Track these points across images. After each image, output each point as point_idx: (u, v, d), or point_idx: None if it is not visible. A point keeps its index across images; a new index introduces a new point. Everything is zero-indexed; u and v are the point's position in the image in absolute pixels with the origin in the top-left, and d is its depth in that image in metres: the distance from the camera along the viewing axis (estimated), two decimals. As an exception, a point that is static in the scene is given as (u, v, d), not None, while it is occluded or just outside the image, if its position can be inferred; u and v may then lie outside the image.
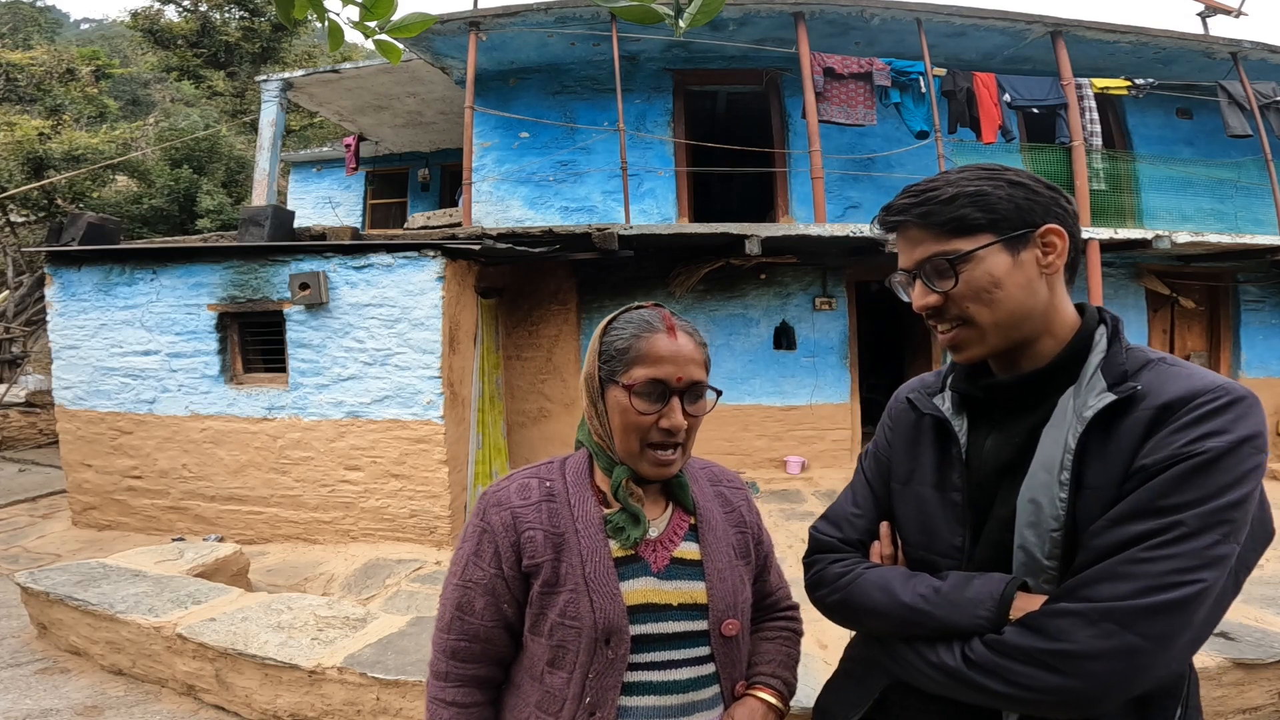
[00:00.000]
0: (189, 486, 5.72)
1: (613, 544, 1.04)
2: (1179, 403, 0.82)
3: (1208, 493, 0.76)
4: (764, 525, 1.22)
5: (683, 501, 1.12)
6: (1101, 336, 0.93)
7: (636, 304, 1.11)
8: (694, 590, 1.05)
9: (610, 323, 1.10)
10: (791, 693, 1.12)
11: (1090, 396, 0.87)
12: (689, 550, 1.08)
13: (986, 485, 0.95)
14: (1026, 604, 0.84)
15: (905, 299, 1.01)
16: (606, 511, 1.06)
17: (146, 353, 5.73)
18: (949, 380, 1.05)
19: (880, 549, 1.05)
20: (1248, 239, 7.22)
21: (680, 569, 1.06)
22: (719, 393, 1.07)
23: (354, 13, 1.05)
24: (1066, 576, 0.84)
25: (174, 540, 5.03)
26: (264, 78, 8.61)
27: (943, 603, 0.89)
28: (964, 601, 0.87)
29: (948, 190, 0.92)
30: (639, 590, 1.02)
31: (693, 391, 1.04)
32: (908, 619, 0.91)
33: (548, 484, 1.08)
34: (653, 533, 1.07)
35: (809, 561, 1.11)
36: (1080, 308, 0.98)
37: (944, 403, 1.03)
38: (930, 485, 1.01)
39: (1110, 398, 0.85)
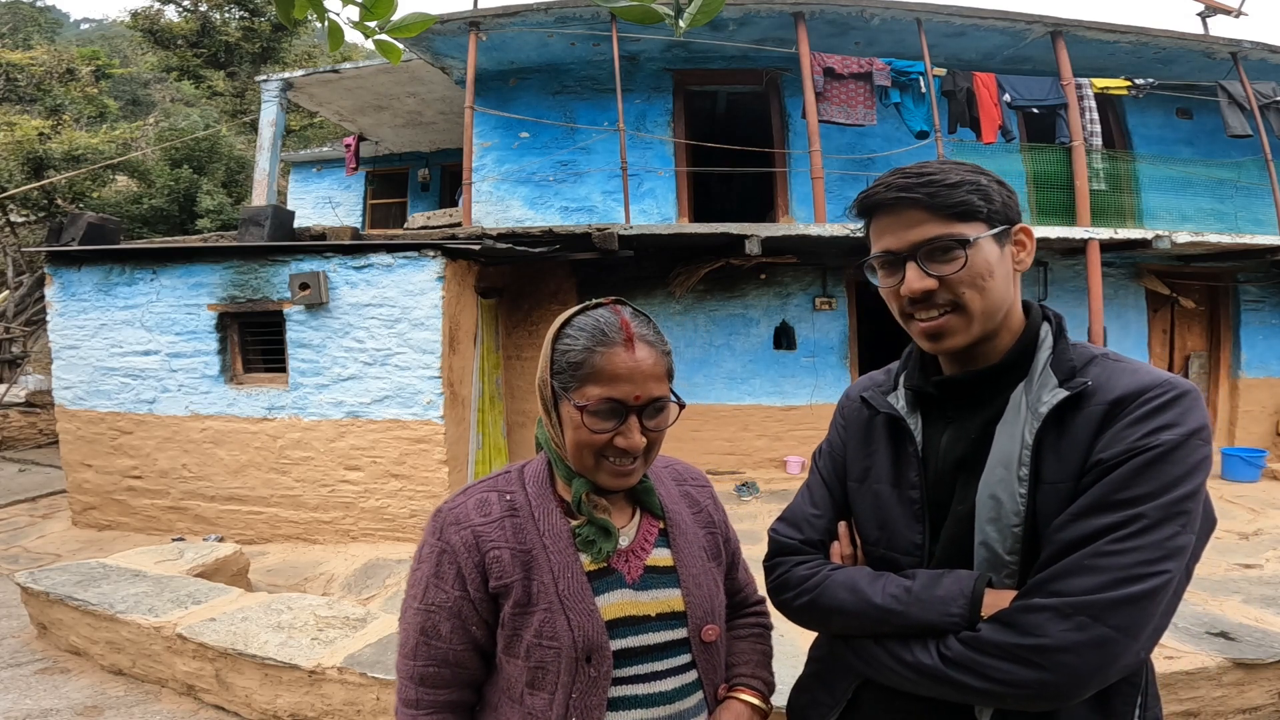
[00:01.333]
0: (189, 486, 5.72)
1: (584, 557, 0.99)
2: (1129, 398, 0.84)
3: (1164, 484, 0.78)
4: (730, 522, 1.19)
5: (649, 506, 1.07)
6: (1047, 334, 0.95)
7: (594, 301, 1.03)
8: (671, 599, 1.01)
9: (562, 327, 1.00)
10: (771, 691, 1.11)
11: (1044, 393, 0.89)
12: (661, 557, 1.04)
13: (943, 482, 0.96)
14: (996, 600, 0.85)
15: (875, 283, 0.99)
16: (574, 524, 1.01)
17: (146, 353, 5.73)
18: (902, 378, 1.06)
19: (840, 549, 1.05)
20: (1248, 239, 7.22)
21: (655, 578, 1.02)
22: (682, 405, 1.01)
23: (354, 13, 1.05)
24: (1027, 571, 0.85)
25: (174, 540, 5.03)
26: (264, 78, 8.61)
27: (914, 602, 0.89)
28: (935, 600, 0.88)
29: (950, 175, 0.91)
30: (616, 604, 0.98)
31: (652, 408, 0.97)
32: (879, 619, 0.91)
33: (508, 497, 1.02)
34: (623, 542, 1.03)
35: (770, 564, 1.09)
36: (1025, 305, 0.99)
37: (898, 400, 1.03)
38: (887, 483, 1.01)
39: (1064, 393, 0.87)
